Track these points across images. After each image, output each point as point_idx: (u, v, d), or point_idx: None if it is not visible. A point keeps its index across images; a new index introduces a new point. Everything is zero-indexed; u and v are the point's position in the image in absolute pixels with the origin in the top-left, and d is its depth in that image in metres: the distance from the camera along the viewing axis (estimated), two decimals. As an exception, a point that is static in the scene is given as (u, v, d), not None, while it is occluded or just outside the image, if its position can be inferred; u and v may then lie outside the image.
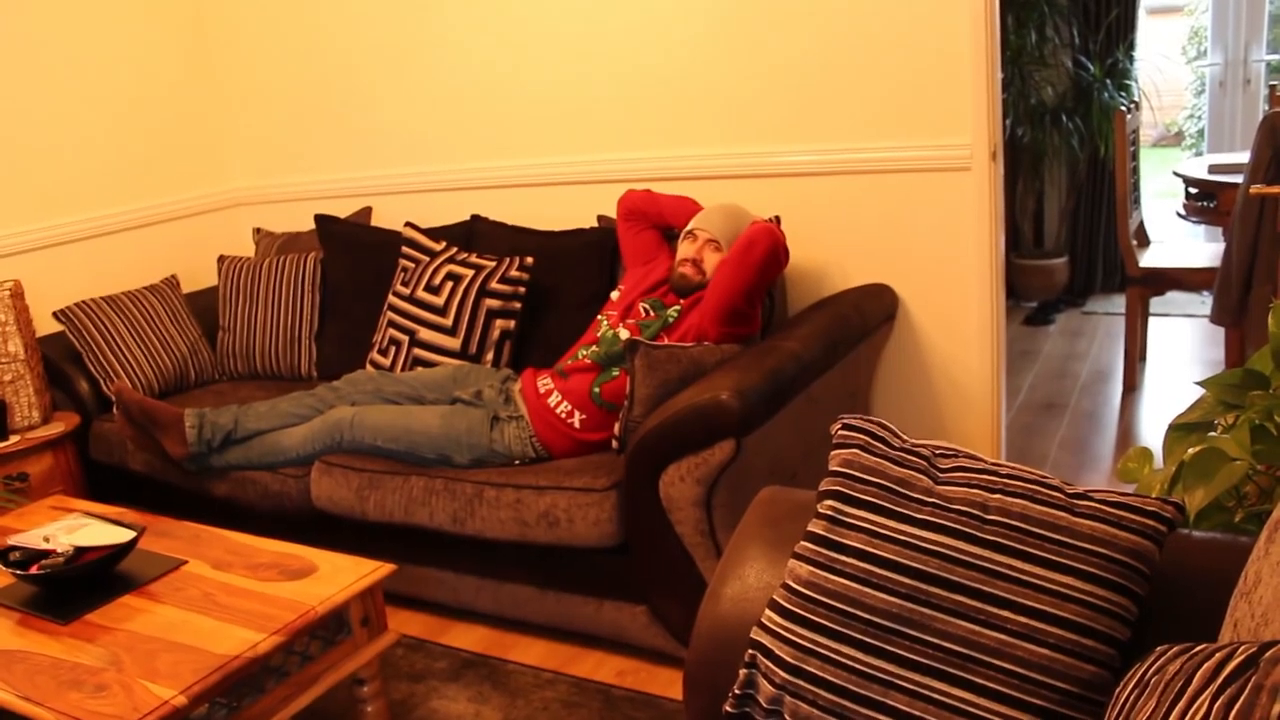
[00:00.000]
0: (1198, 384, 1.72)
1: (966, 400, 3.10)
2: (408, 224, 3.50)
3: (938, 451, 1.43)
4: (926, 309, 3.07)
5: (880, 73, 2.96)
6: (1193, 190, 4.26)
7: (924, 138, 2.93)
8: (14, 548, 2.27)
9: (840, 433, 1.45)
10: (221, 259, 3.87)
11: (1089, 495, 1.31)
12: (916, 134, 2.94)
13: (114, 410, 3.16)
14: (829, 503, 1.38)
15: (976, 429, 3.11)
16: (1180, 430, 1.69)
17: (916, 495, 1.34)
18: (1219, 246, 4.04)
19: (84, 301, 3.56)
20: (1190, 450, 1.57)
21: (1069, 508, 1.29)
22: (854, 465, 1.39)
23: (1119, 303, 5.22)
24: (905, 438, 1.45)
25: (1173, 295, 4.51)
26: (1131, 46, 5.39)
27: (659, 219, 3.07)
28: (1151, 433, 3.84)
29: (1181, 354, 4.68)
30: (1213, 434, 1.68)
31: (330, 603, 2.09)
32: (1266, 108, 5.54)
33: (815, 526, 1.38)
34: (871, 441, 1.42)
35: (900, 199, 3.01)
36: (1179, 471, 1.58)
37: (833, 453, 1.44)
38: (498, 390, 2.92)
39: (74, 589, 2.22)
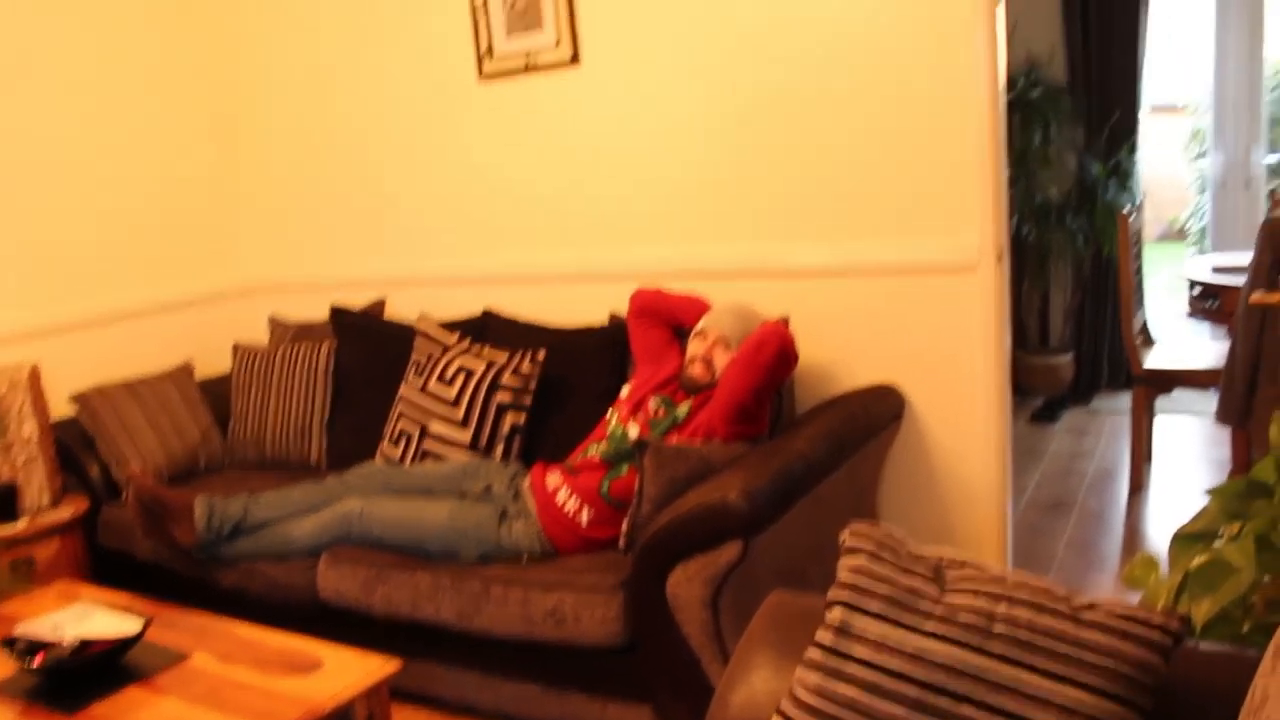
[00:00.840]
0: (1207, 493, 1.74)
1: (973, 500, 3.10)
2: (421, 316, 3.55)
3: (945, 560, 1.44)
4: (933, 409, 3.09)
5: (888, 174, 3.02)
6: (1197, 290, 4.31)
7: (931, 239, 2.98)
8: (19, 637, 2.27)
9: (849, 540, 1.47)
10: (236, 347, 3.92)
11: (1095, 606, 1.32)
12: (924, 235, 2.99)
13: (125, 496, 3.18)
14: (837, 611, 1.39)
15: (983, 529, 3.11)
16: (1185, 540, 1.70)
17: (924, 606, 1.35)
18: (1224, 345, 4.07)
19: (100, 386, 3.60)
20: (1196, 560, 1.58)
21: (1075, 618, 1.30)
22: (862, 573, 1.41)
23: (1125, 400, 5.23)
24: (913, 546, 1.46)
25: (1179, 392, 4.54)
26: (1134, 147, 5.49)
27: (669, 317, 3.11)
28: (1158, 534, 3.83)
29: (1188, 453, 4.68)
30: (1218, 543, 1.69)
31: (336, 700, 2.09)
32: (1267, 209, 5.63)
33: (823, 636, 1.39)
34: (879, 550, 1.43)
35: (907, 299, 3.05)
36: (1185, 582, 1.59)
37: (841, 560, 1.46)
38: (506, 486, 2.93)
39: (79, 680, 2.21)
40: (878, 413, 2.98)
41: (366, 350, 3.70)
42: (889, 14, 2.94)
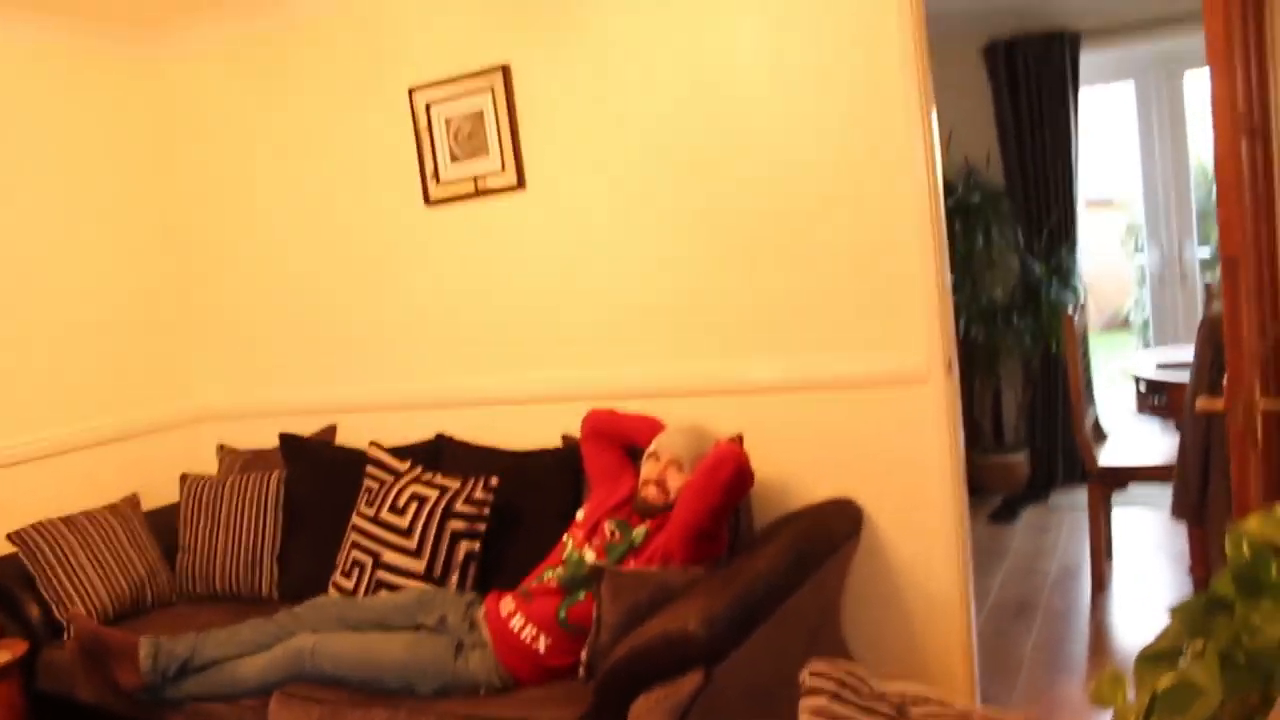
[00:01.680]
0: (1169, 611, 1.73)
1: (937, 608, 3.08)
2: (372, 443, 3.51)
3: (908, 697, 1.41)
4: (892, 519, 3.08)
5: (837, 290, 3.05)
6: (1143, 387, 4.37)
7: (881, 352, 3.01)
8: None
9: (809, 680, 1.44)
10: (184, 477, 3.84)
11: (1062, 744, 1.29)
12: (874, 349, 3.02)
13: (66, 637, 3.06)
14: (801, 757, 1.35)
15: (948, 637, 3.08)
16: (1150, 660, 1.68)
17: (889, 748, 1.32)
18: (1174, 439, 4.12)
19: (40, 523, 3.50)
20: (1162, 682, 1.56)
21: (1043, 759, 1.27)
22: (824, 715, 1.37)
23: (1082, 495, 5.24)
24: (874, 684, 1.43)
25: (1135, 486, 4.56)
26: (1073, 246, 5.62)
27: (622, 438, 3.10)
28: (1124, 633, 3.82)
29: (1147, 547, 4.70)
30: (1182, 662, 1.67)
31: None
32: (1204, 303, 5.75)
33: (787, 784, 1.35)
34: (841, 689, 1.41)
35: (861, 411, 3.06)
36: (1153, 704, 1.56)
37: (802, 700, 1.42)
38: (462, 616, 2.87)
39: None
40: (837, 526, 2.96)
41: (318, 478, 3.65)
42: (831, 126, 3.00)
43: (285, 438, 3.79)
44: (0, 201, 3.74)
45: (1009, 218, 5.62)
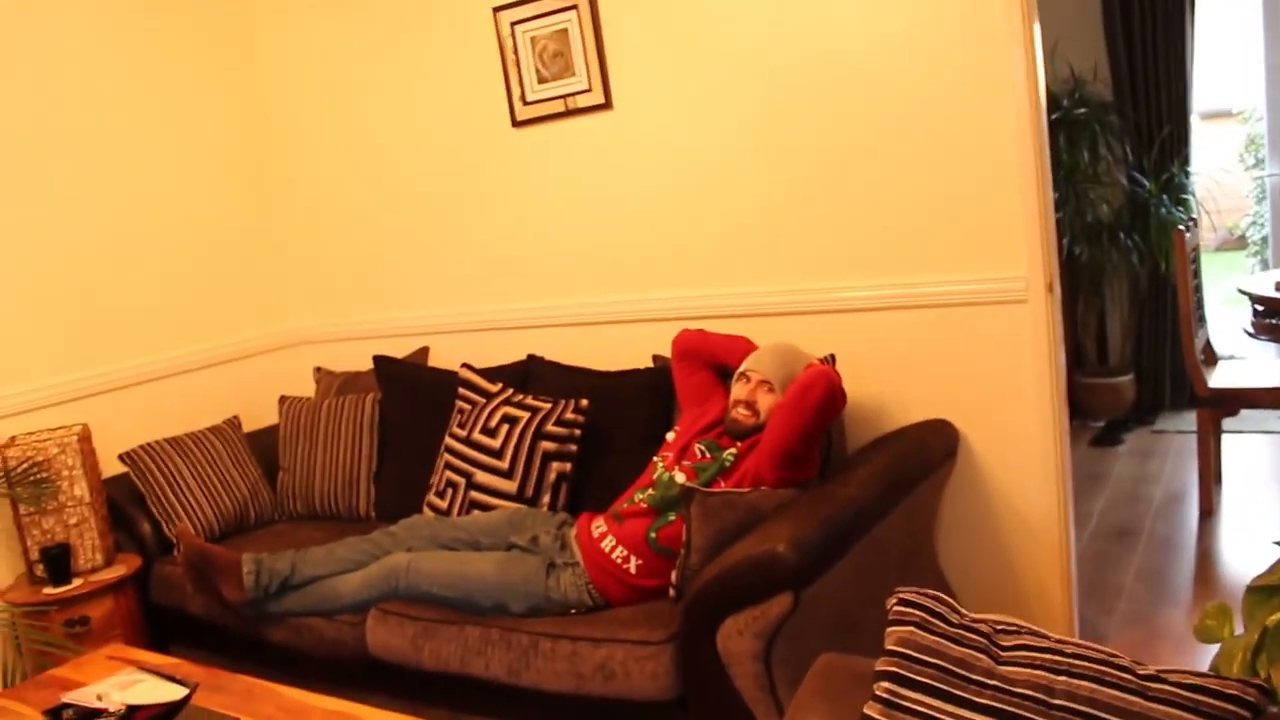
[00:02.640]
0: (1276, 543, 1.65)
1: (1034, 533, 3.01)
2: (464, 365, 3.53)
3: (999, 627, 1.37)
4: (989, 443, 3.00)
5: (931, 207, 2.95)
6: (1259, 307, 4.17)
7: (979, 271, 2.91)
8: (67, 705, 2.26)
9: (895, 609, 1.40)
10: (282, 399, 3.93)
11: (1162, 677, 1.25)
12: (971, 268, 2.92)
13: (175, 554, 3.17)
14: (885, 684, 1.32)
15: (1046, 562, 3.01)
16: (1260, 593, 1.60)
17: (977, 677, 1.28)
18: (1291, 363, 3.94)
19: (148, 444, 3.62)
20: (1273, 617, 1.49)
21: (1141, 691, 1.22)
22: (910, 644, 1.34)
23: (1190, 419, 5.08)
24: (964, 612, 1.40)
25: (1246, 412, 4.39)
26: (1186, 161, 5.36)
27: (713, 359, 3.06)
28: (1232, 561, 3.69)
29: (1260, 473, 4.52)
30: (1295, 594, 1.59)
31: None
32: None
33: (871, 710, 1.32)
34: (928, 618, 1.37)
35: (957, 333, 2.98)
36: (1262, 640, 1.49)
37: (888, 629, 1.39)
38: (553, 536, 2.89)
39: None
40: (931, 450, 2.90)
41: (410, 400, 3.69)
42: (923, 43, 2.88)
43: (379, 360, 3.84)
44: (98, 137, 3.81)
45: (1116, 131, 5.36)
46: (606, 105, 3.44)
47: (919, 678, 1.30)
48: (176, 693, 2.29)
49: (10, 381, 3.51)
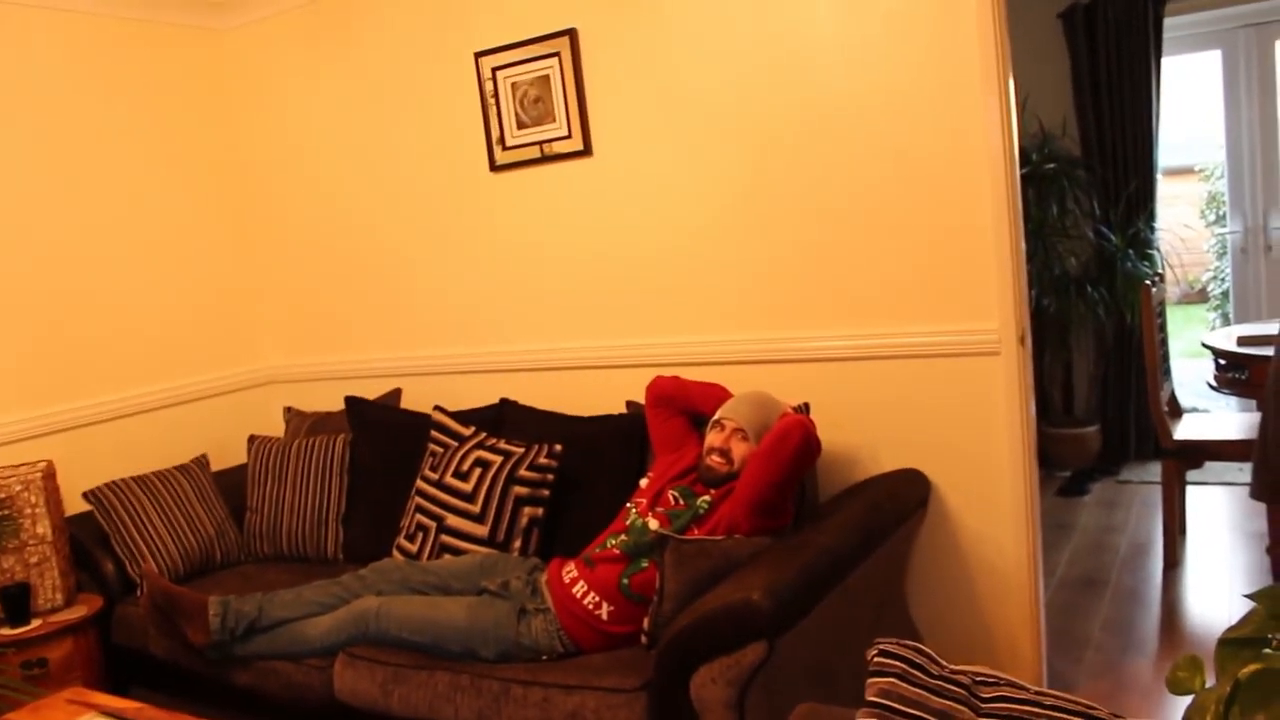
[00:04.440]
0: (1247, 596, 1.66)
1: (1005, 583, 3.02)
2: (436, 407, 3.52)
3: (977, 678, 1.38)
4: (960, 492, 3.03)
5: (907, 258, 2.99)
6: (1222, 361, 4.24)
7: (952, 323, 2.95)
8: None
9: (876, 659, 1.41)
10: (252, 439, 3.89)
11: (1141, 731, 1.25)
12: (945, 319, 2.96)
13: (138, 594, 3.13)
14: (868, 737, 1.32)
15: (1015, 612, 3.03)
16: (1231, 645, 1.62)
17: (960, 730, 1.29)
18: (1253, 415, 4.00)
19: (113, 482, 3.58)
20: (1246, 669, 1.50)
21: (1121, 745, 1.23)
22: (892, 696, 1.35)
23: (1154, 470, 5.14)
24: (944, 663, 1.40)
25: (1210, 463, 4.45)
26: (1152, 216, 5.46)
27: (687, 405, 3.07)
28: (1197, 613, 3.73)
29: (1222, 525, 4.58)
30: (1267, 650, 1.61)
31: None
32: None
33: (855, 763, 1.32)
34: (909, 670, 1.37)
35: (930, 383, 3.01)
36: (1234, 693, 1.51)
37: (869, 680, 1.39)
38: (525, 581, 2.87)
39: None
40: (904, 499, 2.92)
41: (382, 442, 3.67)
42: (901, 97, 2.93)
43: (351, 401, 3.82)
44: (71, 175, 3.79)
45: (1084, 186, 5.46)
46: (586, 152, 3.47)
47: (899, 729, 1.30)
48: (140, 738, 2.25)
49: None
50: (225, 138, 4.33)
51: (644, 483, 2.99)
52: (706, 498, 2.80)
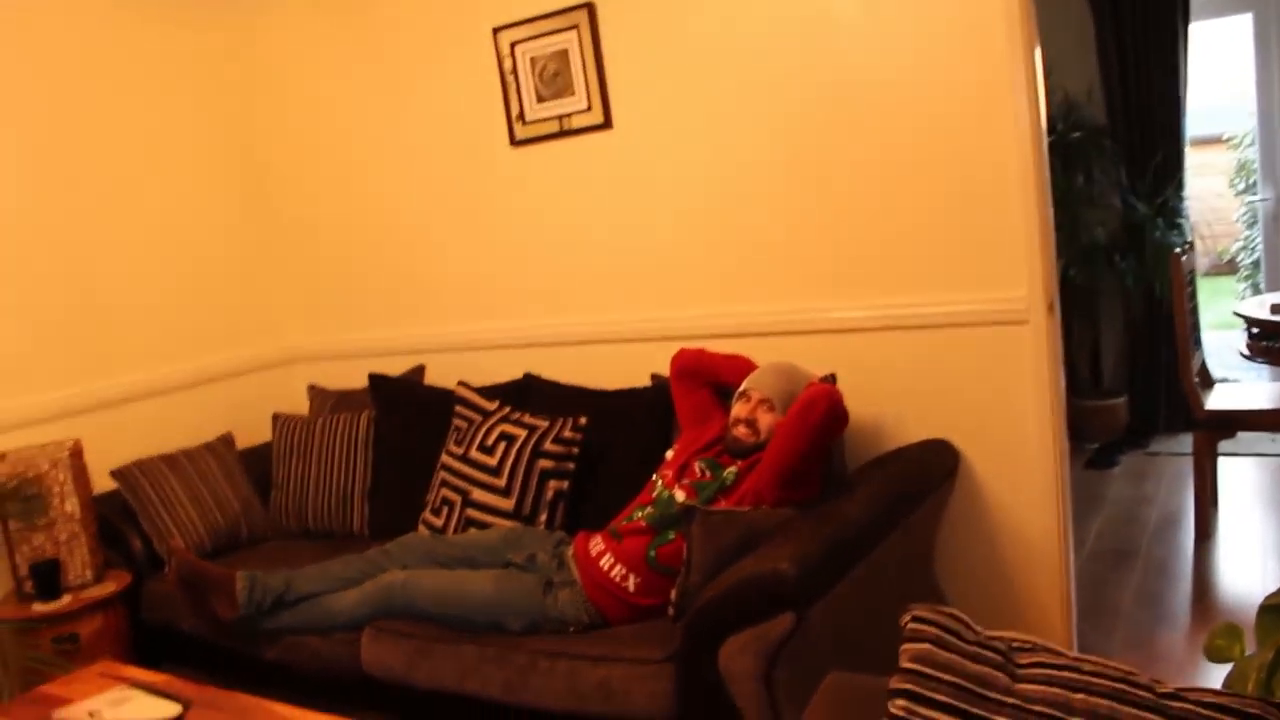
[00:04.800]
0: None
1: (1033, 555, 3.00)
2: (460, 383, 3.51)
3: (1015, 644, 1.36)
4: (988, 462, 2.99)
5: (934, 227, 2.95)
6: (1255, 330, 4.18)
7: (980, 291, 2.91)
8: (58, 725, 2.23)
9: (911, 625, 1.38)
10: (276, 416, 3.90)
11: (1182, 695, 1.23)
12: (972, 288, 2.92)
13: (167, 570, 3.14)
14: (900, 702, 1.30)
15: (1045, 584, 3.00)
16: (1273, 612, 1.59)
17: (995, 694, 1.27)
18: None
19: (140, 460, 3.59)
20: (1286, 636, 1.47)
21: (1161, 709, 1.21)
22: (926, 661, 1.32)
23: (1184, 442, 5.08)
24: (979, 629, 1.38)
25: (1242, 434, 4.39)
26: (1180, 185, 5.38)
27: (712, 377, 3.05)
28: (1229, 585, 3.68)
29: (1256, 497, 4.52)
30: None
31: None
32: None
33: (886, 729, 1.30)
34: (944, 635, 1.35)
35: (957, 353, 2.97)
36: (1276, 659, 1.48)
37: (903, 646, 1.37)
38: (551, 554, 2.87)
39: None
40: (932, 470, 2.89)
41: (406, 418, 3.67)
42: (926, 65, 2.89)
43: (374, 378, 3.82)
44: (96, 156, 3.80)
45: (1111, 155, 5.39)
46: (606, 125, 3.44)
47: (936, 695, 1.28)
48: (170, 710, 2.26)
49: (3, 396, 3.47)
50: (247, 115, 4.32)
51: (670, 455, 2.97)
52: (733, 469, 2.78)
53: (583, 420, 3.17)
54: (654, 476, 2.93)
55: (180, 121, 4.10)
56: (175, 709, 2.25)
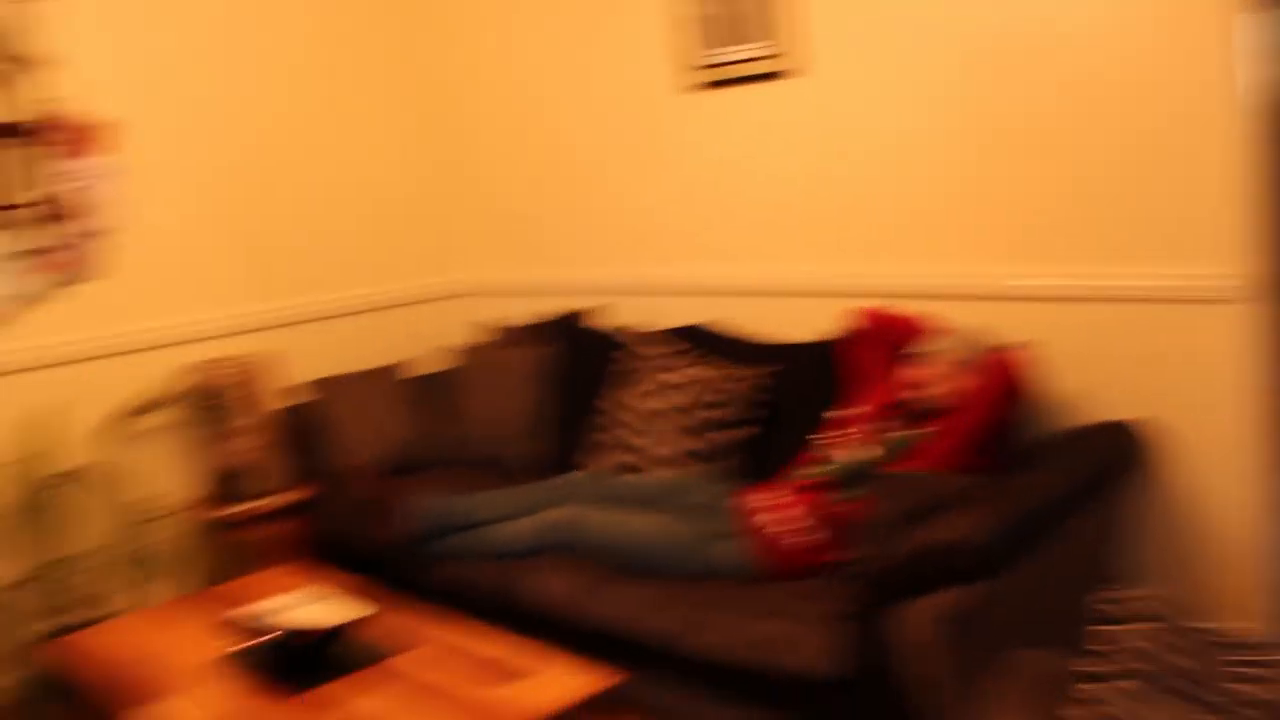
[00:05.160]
0: None
1: (1231, 556, 2.81)
2: (636, 326, 3.51)
3: (1220, 636, 1.27)
4: (1187, 450, 2.82)
5: (1143, 192, 2.78)
6: None
7: (1184, 265, 2.72)
8: (244, 617, 2.33)
9: (1102, 607, 1.31)
10: (451, 348, 3.99)
11: None
12: (1176, 261, 2.73)
13: (346, 487, 3.24)
14: (1097, 687, 1.24)
15: (1242, 579, 2.80)
16: None
17: (1199, 693, 1.19)
18: None
19: (326, 377, 3.73)
20: None
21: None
22: (1119, 646, 1.25)
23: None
24: (1181, 618, 1.30)
25: None
26: None
27: (893, 337, 2.97)
28: None
29: None
30: None
31: (545, 712, 2.03)
32: None
33: (1073, 711, 1.24)
34: (1145, 621, 1.28)
35: (1162, 329, 2.80)
36: None
37: (1095, 629, 1.30)
38: (719, 505, 2.85)
39: (296, 664, 2.26)
40: (1124, 450, 2.75)
41: (581, 358, 3.70)
42: (1138, 19, 2.71)
43: (552, 316, 3.86)
44: (292, 95, 3.98)
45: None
46: (795, 71, 3.34)
47: (1132, 684, 1.21)
48: (354, 614, 2.33)
49: (204, 308, 3.65)
50: (424, 50, 4.41)
51: (844, 413, 2.91)
52: (910, 432, 2.72)
53: (754, 371, 3.13)
54: (828, 434, 2.87)
55: (364, 60, 4.23)
56: (360, 613, 2.33)
